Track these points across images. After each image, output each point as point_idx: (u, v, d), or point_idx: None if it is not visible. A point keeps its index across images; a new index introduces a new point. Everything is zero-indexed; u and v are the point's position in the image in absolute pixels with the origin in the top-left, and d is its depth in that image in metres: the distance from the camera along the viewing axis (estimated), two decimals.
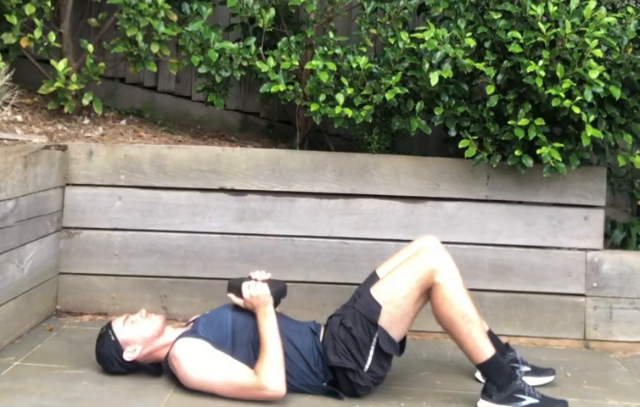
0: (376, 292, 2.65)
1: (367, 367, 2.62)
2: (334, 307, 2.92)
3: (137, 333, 2.64)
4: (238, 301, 2.68)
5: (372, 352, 2.62)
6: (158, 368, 2.70)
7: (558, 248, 3.45)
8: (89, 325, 3.27)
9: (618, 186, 3.90)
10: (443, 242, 2.79)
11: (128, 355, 2.64)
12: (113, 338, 2.64)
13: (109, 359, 2.66)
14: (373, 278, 2.77)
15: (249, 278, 2.71)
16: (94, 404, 2.47)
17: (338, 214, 3.43)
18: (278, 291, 2.71)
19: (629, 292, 3.45)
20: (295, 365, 2.63)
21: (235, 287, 2.69)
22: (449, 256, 2.67)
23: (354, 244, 3.43)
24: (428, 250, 2.67)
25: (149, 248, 3.40)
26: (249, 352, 2.61)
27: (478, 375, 2.86)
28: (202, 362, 2.56)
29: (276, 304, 2.69)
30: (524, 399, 2.58)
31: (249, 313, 2.68)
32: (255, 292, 2.64)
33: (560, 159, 3.18)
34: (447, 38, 3.15)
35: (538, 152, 3.19)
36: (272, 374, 2.52)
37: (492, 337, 2.81)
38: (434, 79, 3.14)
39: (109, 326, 2.68)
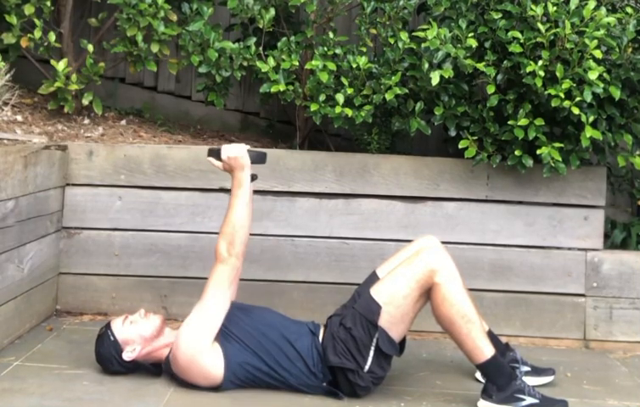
0: (376, 292, 2.65)
1: (366, 367, 2.62)
2: (334, 307, 2.92)
3: (136, 333, 2.64)
4: (218, 164, 2.69)
5: (372, 352, 2.62)
6: (158, 368, 2.70)
7: (558, 248, 3.45)
8: (89, 325, 3.27)
9: (618, 186, 3.90)
10: (443, 242, 2.79)
11: (127, 355, 2.64)
12: (112, 338, 2.64)
13: (109, 358, 2.66)
14: (373, 278, 2.77)
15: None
16: (94, 404, 2.47)
17: (338, 214, 3.43)
18: (257, 155, 2.72)
19: (629, 292, 3.45)
20: (295, 366, 2.63)
21: (215, 151, 2.70)
22: (449, 256, 2.67)
23: (354, 244, 3.43)
24: (428, 250, 2.67)
25: (149, 248, 3.40)
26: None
27: (478, 375, 2.85)
28: (194, 328, 2.59)
29: (254, 178, 2.71)
30: (524, 399, 2.58)
31: (250, 311, 2.69)
32: (234, 153, 2.66)
33: (560, 159, 3.18)
34: (449, 38, 3.15)
35: (538, 152, 3.19)
36: (226, 243, 2.59)
37: (492, 337, 2.81)
38: (435, 78, 3.14)
39: (108, 326, 2.68)
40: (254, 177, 2.73)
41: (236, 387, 2.61)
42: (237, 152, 2.66)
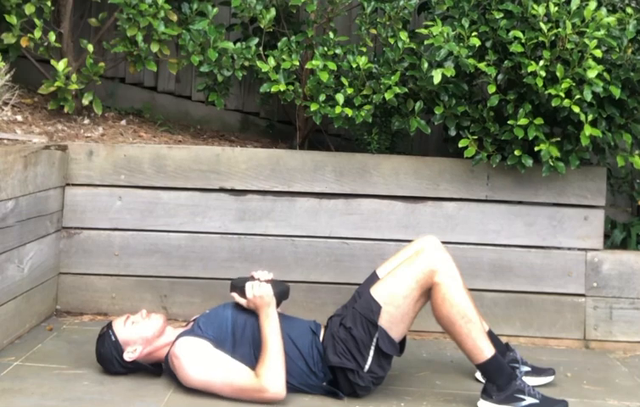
0: (376, 292, 2.65)
1: (367, 367, 2.62)
2: (334, 307, 2.92)
3: (138, 333, 2.64)
4: (242, 301, 2.67)
5: (372, 352, 2.62)
6: (158, 368, 2.70)
7: (558, 248, 3.45)
8: (89, 325, 3.27)
9: (618, 187, 3.90)
10: (443, 242, 2.79)
11: (128, 355, 2.64)
12: (113, 338, 2.64)
13: (110, 359, 2.66)
14: (373, 278, 2.77)
15: (252, 278, 2.70)
16: (94, 404, 2.47)
17: (338, 214, 3.43)
18: (281, 292, 2.71)
19: (629, 292, 3.45)
20: (296, 365, 2.63)
21: (238, 286, 2.69)
22: (449, 256, 2.67)
23: (354, 244, 3.43)
24: (428, 250, 2.67)
25: (149, 248, 3.40)
26: (250, 351, 2.61)
27: (478, 375, 2.86)
28: (202, 361, 2.56)
29: (278, 305, 2.69)
30: (524, 399, 2.58)
31: (249, 312, 2.68)
32: (259, 293, 2.64)
33: (559, 156, 3.18)
34: (452, 36, 3.15)
35: (536, 148, 3.19)
36: (272, 376, 2.52)
37: (492, 337, 2.81)
38: (436, 77, 3.14)
39: (109, 326, 2.68)
40: (278, 303, 2.69)
41: None
42: (262, 292, 2.63)
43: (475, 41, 3.15)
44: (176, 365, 2.59)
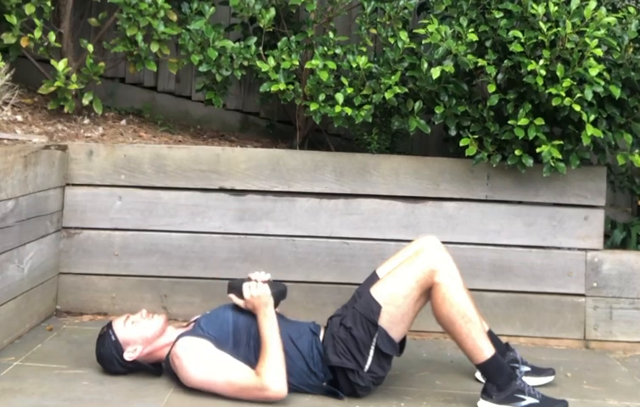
0: (376, 292, 2.65)
1: (367, 367, 2.62)
2: (334, 307, 2.92)
3: (138, 333, 2.64)
4: (239, 302, 2.67)
5: (372, 352, 2.62)
6: (158, 368, 2.70)
7: (558, 248, 3.45)
8: (89, 325, 3.27)
9: (618, 186, 3.90)
10: (443, 242, 2.79)
11: (129, 355, 2.64)
12: (113, 338, 2.64)
13: (110, 358, 2.66)
14: (373, 278, 2.77)
15: (249, 279, 2.70)
16: (94, 404, 2.47)
17: (338, 214, 3.43)
18: (279, 292, 2.71)
19: (629, 292, 3.45)
20: (296, 365, 2.63)
21: (236, 287, 2.69)
22: (449, 256, 2.67)
23: (354, 244, 3.43)
24: (428, 250, 2.67)
25: (149, 248, 3.40)
26: (250, 352, 2.61)
27: (478, 375, 2.86)
28: (203, 361, 2.56)
29: (276, 305, 2.69)
30: (524, 399, 2.57)
31: (250, 313, 2.68)
32: (257, 293, 2.64)
33: (560, 157, 3.19)
34: (450, 34, 3.15)
35: (538, 150, 3.19)
36: (273, 375, 2.52)
37: (492, 337, 2.81)
38: (435, 73, 3.14)
39: (109, 325, 2.68)
40: (276, 304, 2.69)
41: None
42: (259, 292, 2.63)
43: (472, 37, 3.15)
44: (178, 365, 2.58)
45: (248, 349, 2.62)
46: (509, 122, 3.22)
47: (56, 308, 3.37)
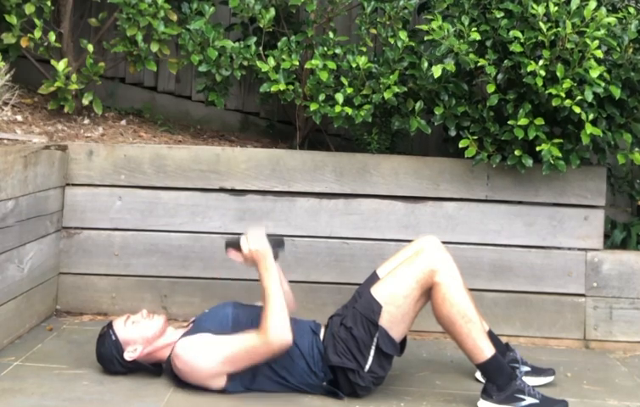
0: (376, 292, 2.65)
1: (367, 367, 2.62)
2: (334, 307, 2.92)
3: (138, 333, 2.64)
4: (239, 258, 2.65)
5: (372, 352, 2.62)
6: (158, 368, 2.70)
7: (558, 248, 3.45)
8: (89, 325, 3.27)
9: (618, 186, 3.90)
10: (443, 242, 2.79)
11: (129, 355, 2.64)
12: (114, 338, 2.64)
13: (110, 358, 2.66)
14: (374, 278, 2.77)
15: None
16: (94, 404, 2.47)
17: (338, 214, 3.43)
18: (277, 243, 2.69)
19: (629, 292, 3.45)
20: (296, 364, 2.63)
21: (233, 244, 2.65)
22: (449, 256, 2.67)
23: (354, 244, 3.43)
24: (428, 250, 2.67)
25: (149, 248, 3.40)
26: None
27: (478, 375, 2.86)
28: (206, 349, 2.55)
29: (275, 258, 2.65)
30: (524, 399, 2.57)
31: (250, 309, 2.69)
32: (255, 246, 2.61)
33: (560, 156, 3.19)
34: (452, 32, 3.15)
35: (537, 148, 3.19)
36: (276, 326, 2.51)
37: (492, 337, 2.81)
38: (436, 72, 3.14)
39: (109, 325, 2.68)
40: (275, 256, 2.67)
41: (240, 391, 2.60)
42: (257, 245, 2.60)
43: (475, 36, 3.15)
44: (182, 366, 2.57)
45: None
46: (509, 122, 3.22)
47: (56, 308, 3.37)
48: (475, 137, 3.31)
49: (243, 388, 2.60)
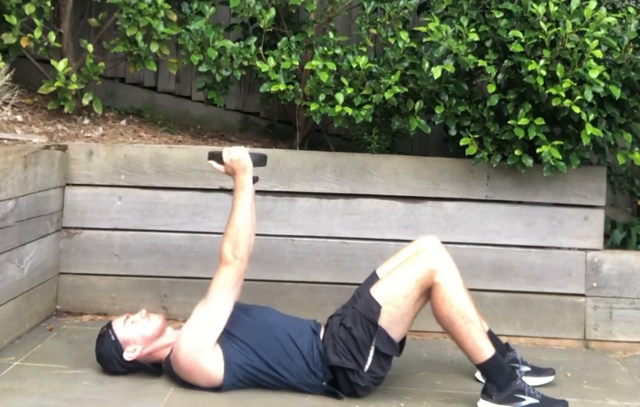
0: (376, 292, 2.65)
1: (367, 367, 2.62)
2: (334, 307, 2.92)
3: (138, 333, 2.64)
4: (219, 167, 2.70)
5: (372, 352, 2.62)
6: (158, 368, 2.70)
7: (558, 248, 3.45)
8: (89, 325, 3.27)
9: (618, 184, 3.90)
10: (443, 242, 2.79)
11: (128, 355, 2.64)
12: (113, 338, 2.64)
13: (109, 358, 2.66)
14: (373, 278, 2.77)
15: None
16: (94, 404, 2.47)
17: (338, 214, 3.43)
18: (258, 156, 2.73)
19: (629, 292, 3.45)
20: (296, 364, 2.63)
21: (216, 154, 2.70)
22: (449, 256, 2.67)
23: (354, 244, 3.43)
24: (428, 250, 2.67)
25: (149, 248, 3.40)
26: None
27: (478, 375, 2.86)
28: (195, 327, 2.60)
29: (255, 180, 2.72)
30: (524, 399, 2.57)
31: (251, 309, 2.69)
32: (236, 156, 2.66)
33: (560, 158, 3.19)
34: (451, 33, 3.15)
35: (538, 150, 3.19)
36: (230, 246, 2.59)
37: (492, 337, 2.81)
38: (436, 73, 3.14)
39: (109, 325, 2.68)
40: (255, 179, 2.73)
41: (236, 387, 2.61)
42: (239, 155, 2.67)
43: (474, 36, 3.15)
44: (182, 358, 2.58)
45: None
46: (509, 122, 3.22)
47: (56, 308, 3.37)
48: (475, 137, 3.31)
49: (238, 381, 2.60)
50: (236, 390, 2.61)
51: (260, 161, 2.75)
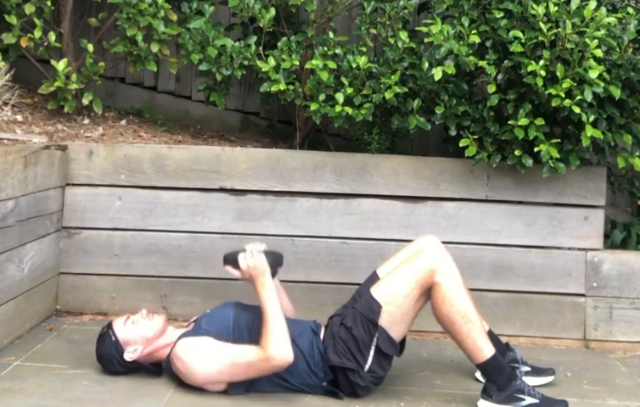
0: (376, 292, 2.65)
1: (367, 367, 2.62)
2: (334, 307, 2.92)
3: (138, 333, 2.64)
4: (236, 273, 2.66)
5: (372, 352, 2.62)
6: (158, 368, 2.70)
7: (558, 248, 3.45)
8: (89, 325, 3.27)
9: (618, 185, 3.90)
10: (443, 242, 2.79)
11: (129, 355, 2.64)
12: (113, 338, 2.64)
13: (110, 359, 2.66)
14: (374, 278, 2.77)
15: (244, 251, 2.66)
16: (94, 403, 2.47)
17: (338, 214, 3.43)
18: (275, 260, 2.69)
19: (629, 292, 3.45)
20: (296, 364, 2.62)
21: (232, 259, 2.66)
22: (449, 256, 2.67)
23: (354, 244, 3.43)
24: (428, 250, 2.67)
25: (149, 248, 3.40)
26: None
27: (478, 375, 2.86)
28: (206, 355, 2.55)
29: (273, 275, 2.66)
30: (524, 399, 2.57)
31: (252, 310, 2.68)
32: (253, 263, 2.61)
33: (558, 157, 3.19)
34: (452, 34, 3.15)
35: (536, 149, 3.19)
36: (276, 342, 2.50)
37: (492, 337, 2.81)
38: (437, 74, 3.14)
39: (109, 325, 2.68)
40: (274, 273, 2.68)
41: (240, 393, 2.60)
42: (255, 262, 2.60)
43: (475, 38, 3.15)
44: (180, 366, 2.58)
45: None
46: (509, 122, 3.22)
47: (56, 308, 3.37)
48: (475, 137, 3.31)
49: (243, 390, 2.60)
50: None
51: (276, 261, 2.70)
